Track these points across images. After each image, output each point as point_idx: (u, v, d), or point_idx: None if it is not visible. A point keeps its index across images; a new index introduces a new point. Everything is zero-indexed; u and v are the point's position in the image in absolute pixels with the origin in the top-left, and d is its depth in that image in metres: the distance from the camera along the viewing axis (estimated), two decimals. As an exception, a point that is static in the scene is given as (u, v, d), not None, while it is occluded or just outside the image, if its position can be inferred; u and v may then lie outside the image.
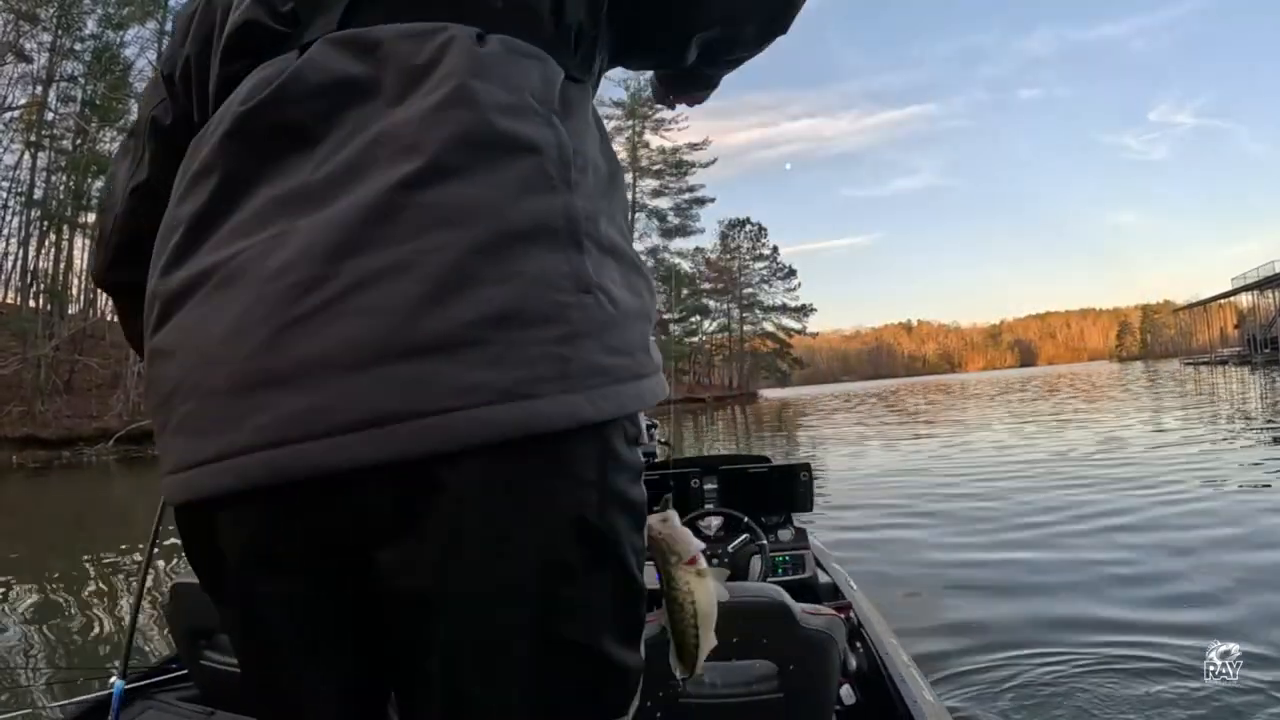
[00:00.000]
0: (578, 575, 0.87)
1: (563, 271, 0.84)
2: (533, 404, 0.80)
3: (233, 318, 0.83)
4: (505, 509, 0.82)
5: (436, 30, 0.90)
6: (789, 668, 2.28)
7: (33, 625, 7.23)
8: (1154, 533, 7.25)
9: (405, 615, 0.86)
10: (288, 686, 0.95)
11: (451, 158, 0.83)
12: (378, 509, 0.82)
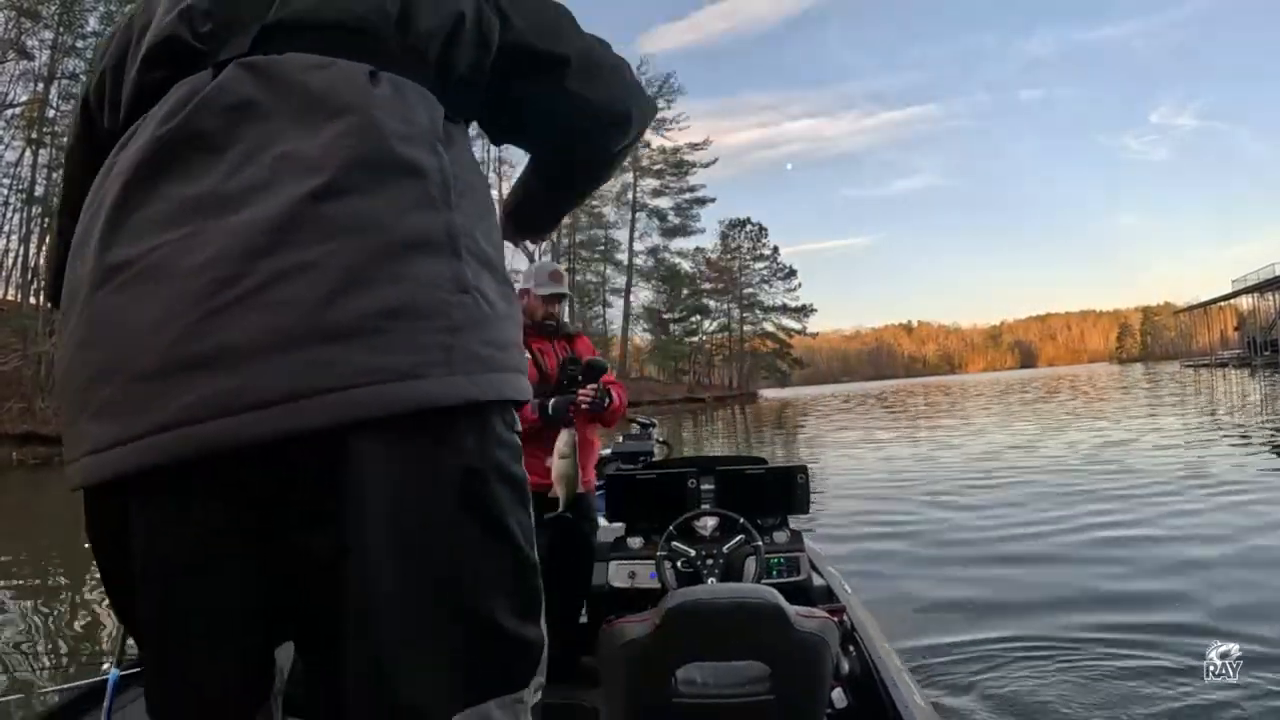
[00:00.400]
0: (467, 543, 0.98)
1: (445, 275, 0.99)
2: (422, 383, 0.93)
3: (156, 308, 0.91)
4: (403, 477, 0.94)
5: (333, 64, 1.03)
6: (782, 670, 2.30)
7: (30, 615, 7.31)
8: (1154, 534, 7.28)
9: (317, 581, 0.95)
10: (199, 666, 1.00)
11: (350, 177, 0.96)
12: (292, 480, 0.92)
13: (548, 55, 1.21)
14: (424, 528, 0.95)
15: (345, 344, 0.90)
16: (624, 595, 3.57)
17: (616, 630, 2.37)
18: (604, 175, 1.50)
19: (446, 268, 1.00)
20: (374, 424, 0.91)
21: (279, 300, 0.90)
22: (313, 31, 1.08)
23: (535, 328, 3.83)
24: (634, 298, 79.02)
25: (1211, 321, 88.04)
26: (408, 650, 0.95)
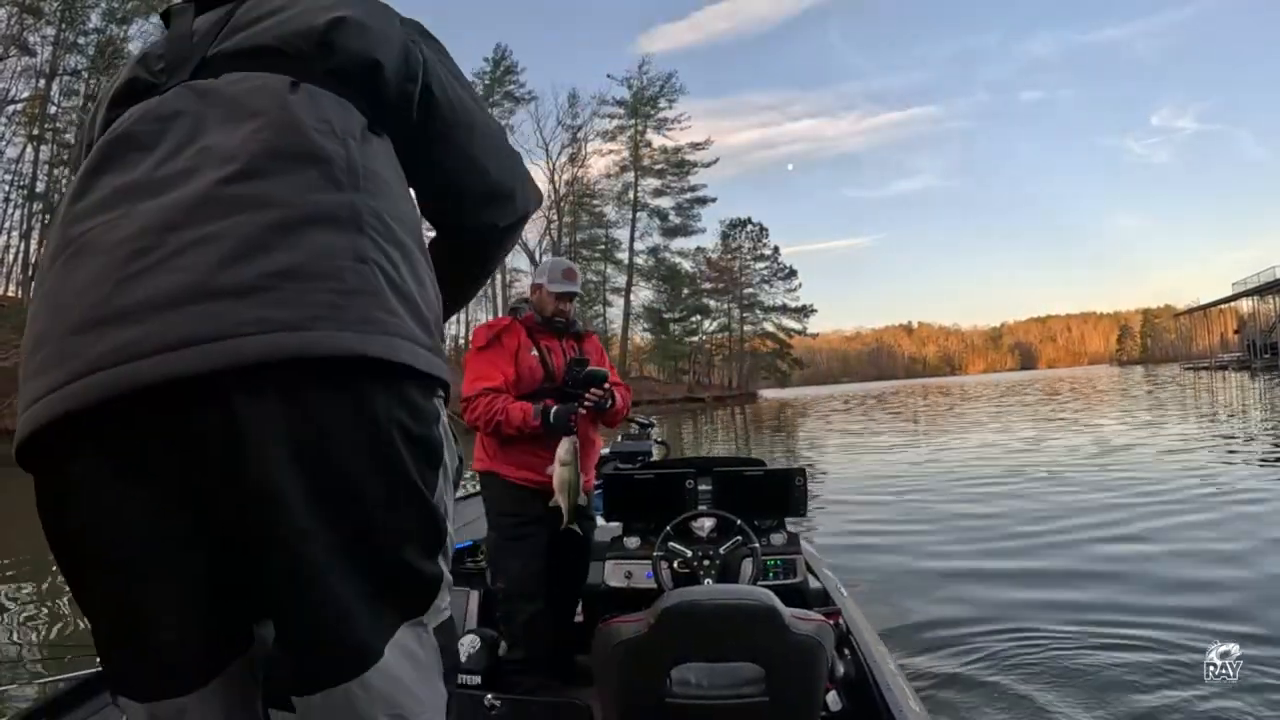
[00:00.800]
0: (375, 493, 1.08)
1: (342, 246, 1.09)
2: (307, 334, 1.02)
3: (83, 277, 1.05)
4: (308, 426, 1.03)
5: (257, 76, 1.21)
6: (776, 672, 2.30)
7: (26, 606, 7.29)
8: (1154, 535, 7.31)
9: (242, 534, 1.05)
10: (145, 606, 1.09)
11: (260, 163, 1.10)
12: (199, 420, 1.00)
13: (456, 118, 1.40)
14: (331, 476, 1.05)
15: (237, 300, 1.00)
16: (620, 595, 3.58)
17: (612, 629, 2.38)
18: (488, 253, 1.60)
19: (344, 239, 1.10)
20: (269, 374, 1.00)
21: (183, 265, 1.01)
22: (245, 57, 1.25)
23: (545, 324, 3.78)
24: (634, 297, 79.08)
25: (1211, 324, 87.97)
26: (334, 589, 1.06)
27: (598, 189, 78.44)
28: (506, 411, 3.50)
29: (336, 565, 1.06)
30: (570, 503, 3.40)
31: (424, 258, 1.26)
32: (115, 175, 1.14)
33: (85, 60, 44.98)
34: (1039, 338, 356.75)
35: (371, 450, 1.08)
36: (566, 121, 75.92)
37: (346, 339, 1.04)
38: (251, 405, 1.00)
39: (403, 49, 1.33)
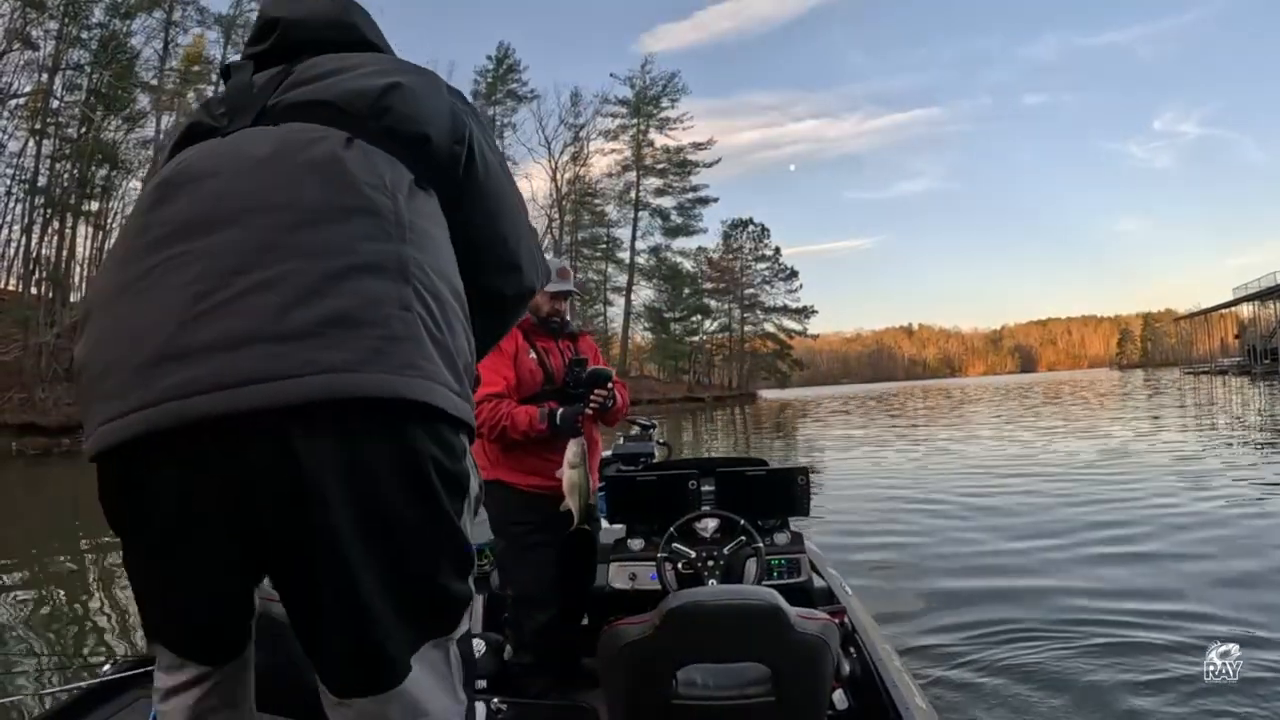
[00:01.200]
0: (414, 520, 1.20)
1: (390, 295, 1.20)
2: (354, 376, 1.13)
3: (152, 314, 1.16)
4: (353, 460, 1.15)
5: (315, 128, 1.33)
6: (782, 671, 2.30)
7: (26, 612, 7.27)
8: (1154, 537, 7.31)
9: (288, 548, 1.19)
10: (184, 604, 1.29)
11: (318, 212, 1.22)
12: (257, 450, 1.12)
13: (489, 186, 1.55)
14: (376, 506, 1.17)
15: (295, 343, 1.12)
16: (625, 597, 3.58)
17: (617, 631, 2.38)
18: (492, 317, 1.65)
19: (392, 288, 1.21)
20: (321, 411, 1.12)
21: (246, 308, 1.13)
22: (305, 109, 1.38)
23: (540, 325, 3.76)
24: (635, 296, 78.95)
25: (1212, 328, 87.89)
26: (376, 610, 1.19)
27: (599, 188, 78.38)
28: (512, 417, 3.48)
29: (378, 589, 1.19)
30: (581, 505, 3.39)
31: (460, 307, 1.35)
32: (177, 210, 1.26)
33: (88, 55, 44.88)
34: (1039, 340, 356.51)
35: (413, 485, 1.20)
36: (569, 120, 75.89)
37: (392, 382, 1.15)
38: (307, 440, 1.12)
39: (450, 114, 1.47)
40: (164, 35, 48.04)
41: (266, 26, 1.58)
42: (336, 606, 1.19)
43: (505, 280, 1.64)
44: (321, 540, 1.16)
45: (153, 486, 1.18)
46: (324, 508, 1.14)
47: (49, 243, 45.51)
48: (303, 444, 1.12)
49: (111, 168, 46.43)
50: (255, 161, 1.29)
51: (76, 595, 7.88)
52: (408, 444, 1.19)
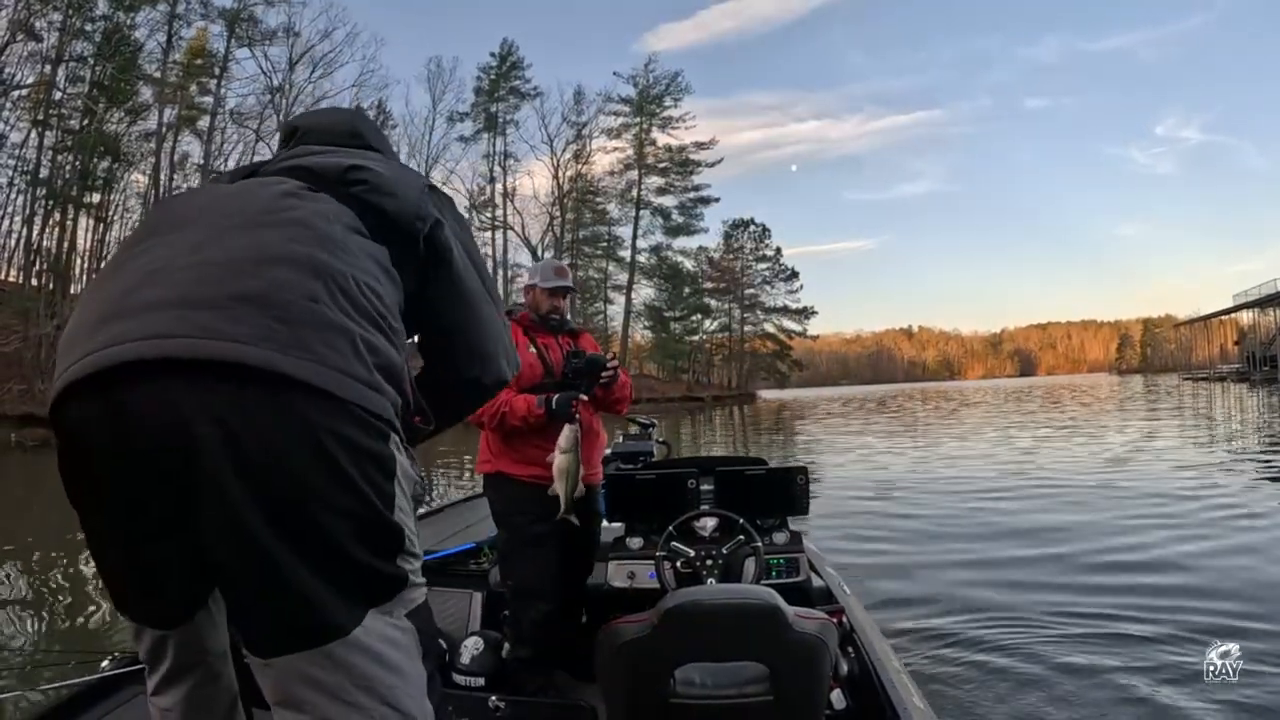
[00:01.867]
0: (314, 490, 1.29)
1: (298, 285, 1.35)
2: (239, 345, 1.26)
3: (113, 289, 1.37)
4: (232, 410, 1.26)
5: (286, 179, 1.63)
6: (780, 671, 2.30)
7: (26, 607, 7.26)
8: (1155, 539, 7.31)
9: (182, 489, 1.28)
10: (124, 550, 1.43)
11: (257, 219, 1.46)
12: (155, 395, 1.25)
13: (460, 274, 1.76)
14: (253, 460, 1.26)
15: (201, 310, 1.29)
16: (623, 595, 3.58)
17: (615, 630, 2.38)
18: (461, 399, 1.89)
19: (302, 281, 1.36)
20: (209, 369, 1.25)
21: (176, 280, 1.33)
22: (286, 170, 1.67)
23: (540, 322, 3.82)
24: (636, 295, 78.79)
25: (1211, 335, 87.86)
26: (264, 560, 1.29)
27: (601, 186, 78.18)
28: (511, 404, 3.53)
29: (269, 537, 1.28)
30: (568, 491, 3.42)
31: (388, 327, 1.49)
32: (156, 218, 1.57)
33: (91, 47, 44.88)
34: (1039, 344, 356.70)
35: (290, 443, 1.29)
36: (572, 118, 75.78)
37: (274, 359, 1.27)
38: (188, 390, 1.25)
39: (419, 196, 1.70)
40: (167, 28, 48.09)
41: (288, 132, 1.90)
42: (227, 554, 1.30)
43: (478, 367, 1.80)
44: (203, 486, 1.26)
45: (88, 426, 1.31)
46: (202, 455, 1.24)
47: (50, 234, 45.55)
48: (181, 393, 1.25)
49: (113, 160, 46.46)
50: (227, 190, 1.61)
51: (76, 590, 7.88)
52: (287, 408, 1.29)
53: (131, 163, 48.14)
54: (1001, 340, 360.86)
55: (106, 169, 46.71)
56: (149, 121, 48.47)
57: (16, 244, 44.98)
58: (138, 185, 49.70)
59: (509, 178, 73.46)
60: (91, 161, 45.06)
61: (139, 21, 46.99)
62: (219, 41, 52.60)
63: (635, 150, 78.00)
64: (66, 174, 44.86)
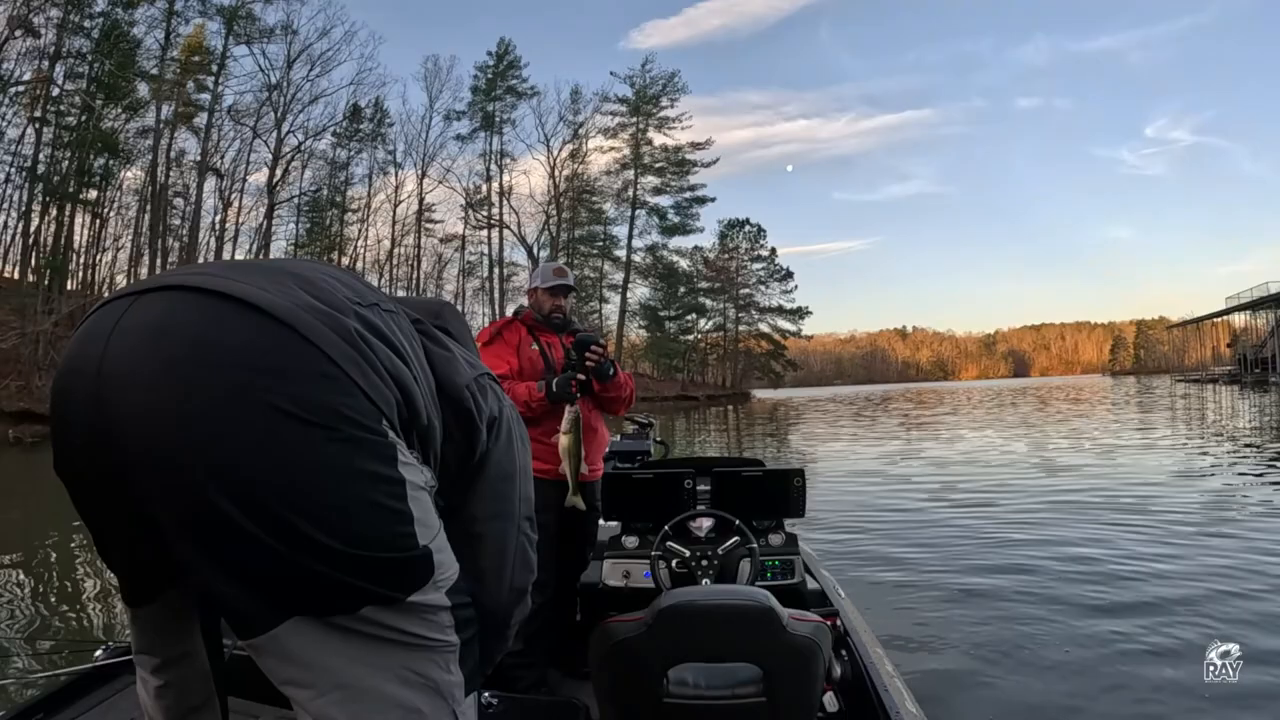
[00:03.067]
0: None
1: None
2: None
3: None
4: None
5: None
6: (773, 672, 2.32)
7: (21, 598, 7.26)
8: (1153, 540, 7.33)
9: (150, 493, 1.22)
10: (97, 524, 1.40)
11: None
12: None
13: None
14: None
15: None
16: (618, 594, 3.59)
17: (609, 629, 2.38)
18: (496, 635, 1.68)
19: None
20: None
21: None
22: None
23: (543, 321, 3.89)
24: (631, 294, 78.93)
25: (1204, 337, 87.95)
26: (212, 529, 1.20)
27: (597, 185, 78.16)
28: (512, 390, 3.55)
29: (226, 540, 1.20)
30: (572, 470, 3.48)
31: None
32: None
33: (90, 43, 44.80)
34: (1032, 345, 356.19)
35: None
36: (568, 118, 75.74)
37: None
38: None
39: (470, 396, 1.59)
40: (165, 25, 48.03)
41: None
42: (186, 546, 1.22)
43: (502, 599, 1.69)
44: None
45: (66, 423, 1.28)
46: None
47: (47, 230, 45.44)
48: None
49: (111, 157, 46.33)
50: None
51: (70, 582, 7.89)
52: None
53: (129, 159, 48.05)
54: (995, 341, 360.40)
55: (103, 165, 46.59)
56: (146, 118, 48.40)
57: (13, 239, 44.92)
58: (134, 181, 49.64)
59: (505, 176, 73.46)
60: (89, 158, 44.95)
61: (137, 18, 47.04)
62: (217, 39, 52.74)
63: (631, 150, 78.06)
64: (64, 170, 44.77)
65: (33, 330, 37.25)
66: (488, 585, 1.59)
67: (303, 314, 1.24)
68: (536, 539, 1.74)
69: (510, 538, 1.66)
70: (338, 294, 1.34)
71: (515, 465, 1.67)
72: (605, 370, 3.78)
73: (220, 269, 1.29)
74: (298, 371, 1.20)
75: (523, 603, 1.74)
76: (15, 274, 43.87)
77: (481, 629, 1.50)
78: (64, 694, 2.56)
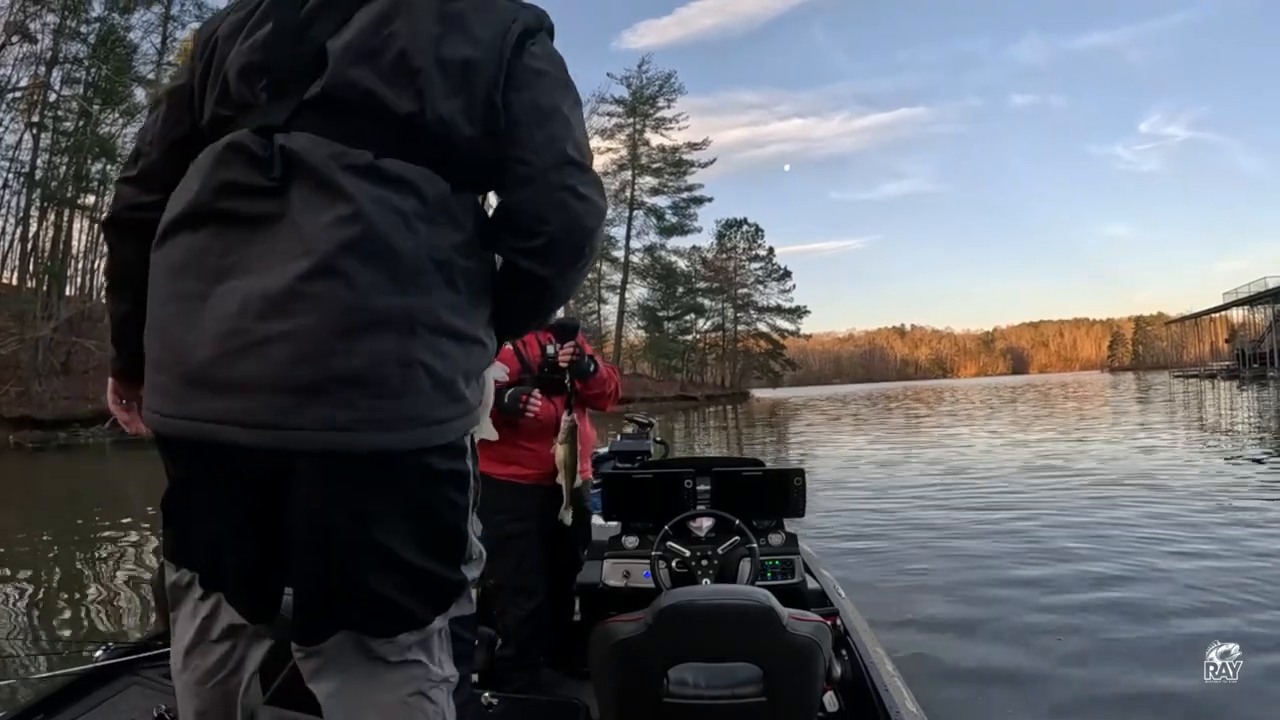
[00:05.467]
0: (409, 541, 1.44)
1: (392, 351, 1.33)
2: (350, 435, 1.32)
3: (193, 338, 1.34)
4: (340, 496, 1.38)
5: (344, 154, 1.37)
6: (773, 672, 2.32)
7: (22, 600, 7.28)
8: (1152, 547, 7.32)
9: (296, 544, 1.43)
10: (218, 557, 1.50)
11: (334, 261, 1.31)
12: (266, 476, 1.38)
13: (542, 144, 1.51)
14: (369, 532, 1.40)
15: (301, 396, 1.29)
16: (618, 594, 3.58)
17: (609, 629, 2.38)
18: (542, 300, 1.65)
19: (395, 344, 1.34)
20: (316, 454, 1.34)
21: (266, 357, 1.29)
22: (334, 107, 1.42)
23: None
24: (629, 295, 78.96)
25: (1202, 333, 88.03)
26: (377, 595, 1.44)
27: (595, 186, 78.09)
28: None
29: (376, 576, 1.42)
30: (568, 484, 3.47)
31: (475, 329, 1.50)
32: (215, 241, 1.39)
33: (86, 49, 44.77)
34: (1031, 342, 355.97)
35: (407, 510, 1.43)
36: (566, 118, 75.57)
37: (384, 439, 1.34)
38: (308, 481, 1.37)
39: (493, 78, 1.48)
40: (162, 30, 47.93)
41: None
42: (337, 589, 1.44)
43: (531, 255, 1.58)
44: (323, 553, 1.41)
45: (191, 468, 1.45)
46: (323, 532, 1.40)
47: (45, 236, 45.42)
48: (306, 485, 1.38)
49: (108, 162, 46.26)
50: (272, 192, 1.42)
51: (71, 584, 7.91)
52: (401, 483, 1.41)
53: (126, 164, 48.02)
54: (994, 338, 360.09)
55: (101, 170, 46.50)
56: (143, 123, 48.26)
57: (10, 246, 44.90)
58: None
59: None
60: (86, 163, 44.91)
61: (134, 23, 46.93)
62: (213, 42, 52.55)
63: (629, 150, 78.09)
64: (61, 176, 44.73)
65: (32, 336, 37.22)
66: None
67: (435, 430, 1.43)
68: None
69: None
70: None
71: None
72: (585, 367, 3.71)
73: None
74: (435, 456, 1.46)
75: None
76: (14, 280, 43.84)
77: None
78: (64, 694, 2.56)
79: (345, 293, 1.31)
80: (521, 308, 1.64)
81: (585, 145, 1.56)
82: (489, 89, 1.46)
